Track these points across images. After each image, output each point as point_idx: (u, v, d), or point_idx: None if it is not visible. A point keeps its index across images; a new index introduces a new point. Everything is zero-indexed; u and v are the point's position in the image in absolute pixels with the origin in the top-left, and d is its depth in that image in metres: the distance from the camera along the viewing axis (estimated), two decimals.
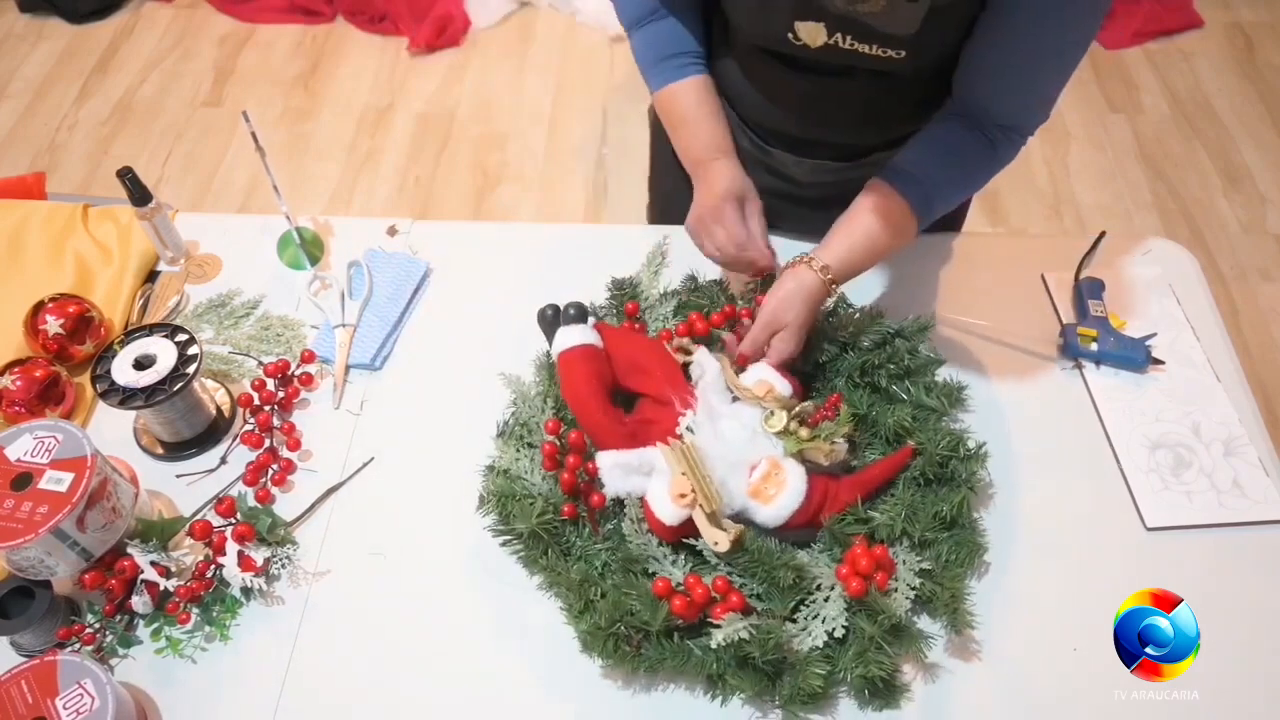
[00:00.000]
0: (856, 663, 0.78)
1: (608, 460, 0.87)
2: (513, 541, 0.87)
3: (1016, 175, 2.49)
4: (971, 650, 0.85)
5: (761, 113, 1.08)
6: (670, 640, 0.80)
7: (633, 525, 0.87)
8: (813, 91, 1.01)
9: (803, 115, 1.05)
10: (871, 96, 0.99)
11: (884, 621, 0.79)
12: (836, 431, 0.88)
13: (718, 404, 0.90)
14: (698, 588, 0.80)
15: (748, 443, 0.88)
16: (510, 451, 0.92)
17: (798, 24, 0.91)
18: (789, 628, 0.81)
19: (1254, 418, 1.00)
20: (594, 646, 0.80)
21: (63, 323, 1.03)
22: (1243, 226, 2.36)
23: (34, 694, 0.76)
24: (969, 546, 0.86)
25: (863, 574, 0.81)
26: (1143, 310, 1.08)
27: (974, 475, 0.89)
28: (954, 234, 1.18)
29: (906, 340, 0.98)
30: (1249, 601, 0.87)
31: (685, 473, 0.82)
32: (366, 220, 1.21)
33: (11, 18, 3.03)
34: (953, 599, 0.82)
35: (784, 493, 0.85)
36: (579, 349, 0.94)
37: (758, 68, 1.03)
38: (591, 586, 0.83)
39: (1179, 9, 2.88)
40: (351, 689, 0.84)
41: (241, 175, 2.52)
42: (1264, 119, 2.61)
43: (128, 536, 0.87)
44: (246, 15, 2.99)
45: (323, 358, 1.06)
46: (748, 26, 0.98)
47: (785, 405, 0.89)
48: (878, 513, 0.87)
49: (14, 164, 2.55)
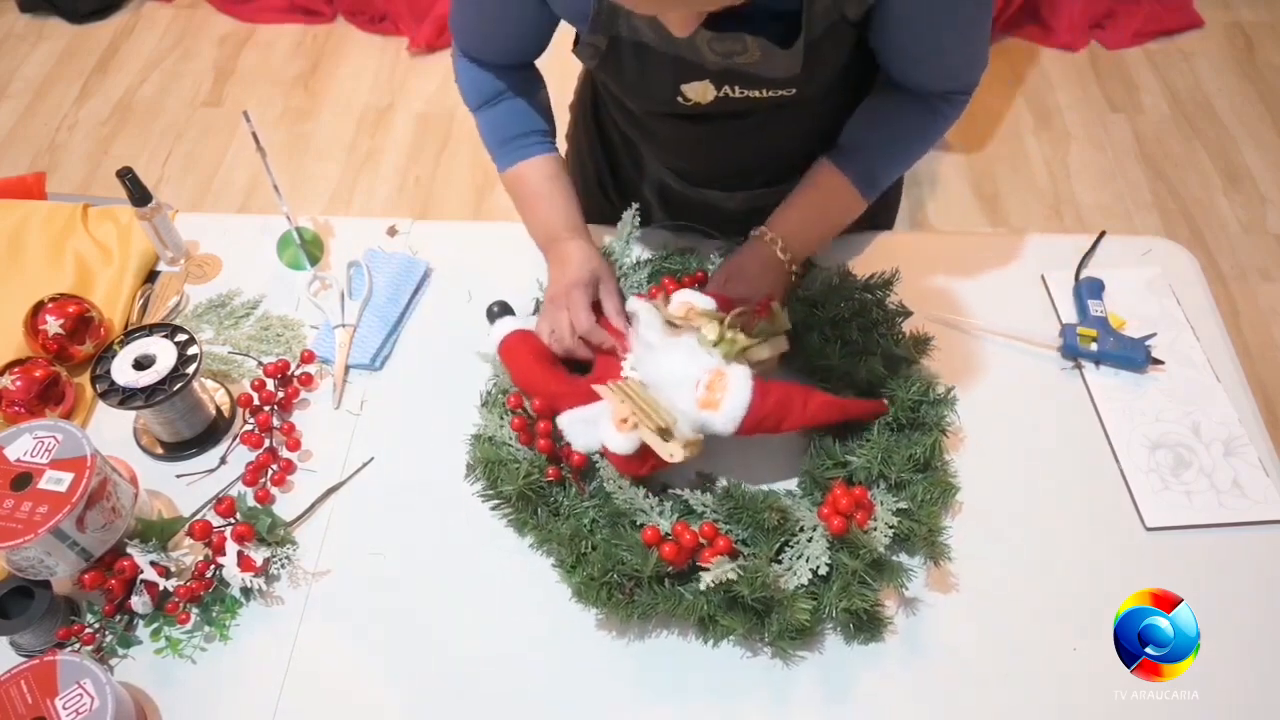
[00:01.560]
0: (841, 597, 0.81)
1: (566, 419, 0.90)
2: (502, 505, 0.89)
3: (1016, 175, 2.49)
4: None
5: (678, 160, 1.10)
6: (662, 586, 0.83)
7: (613, 482, 0.89)
8: (718, 137, 1.02)
9: (716, 159, 1.08)
10: (777, 128, 1.01)
11: (865, 556, 0.82)
12: (773, 329, 0.90)
13: (655, 340, 0.91)
14: (685, 534, 0.83)
15: (689, 363, 0.89)
16: (494, 420, 0.94)
17: (683, 86, 0.92)
18: (775, 568, 0.83)
19: (1254, 418, 1.00)
20: (588, 596, 0.82)
21: (63, 323, 1.03)
22: (1243, 226, 2.36)
23: (34, 694, 0.76)
24: (942, 487, 0.89)
25: (843, 513, 0.84)
26: (1143, 310, 1.08)
27: (943, 419, 0.92)
28: (954, 234, 1.18)
29: (874, 294, 1.01)
30: (1249, 601, 0.87)
31: (623, 400, 0.85)
32: (366, 220, 1.21)
33: (11, 18, 3.03)
34: (930, 534, 0.85)
35: (729, 395, 0.86)
36: (512, 335, 0.98)
37: (658, 124, 1.04)
38: (582, 540, 0.85)
39: (1179, 9, 2.88)
40: (351, 689, 0.84)
41: (241, 175, 2.52)
42: (1264, 119, 2.61)
43: (127, 536, 0.87)
44: (246, 15, 2.99)
45: (323, 358, 1.06)
46: (635, 98, 0.99)
47: (714, 317, 0.90)
48: (855, 456, 0.90)
49: (14, 164, 2.55)
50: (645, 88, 0.94)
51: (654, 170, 1.16)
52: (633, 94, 0.98)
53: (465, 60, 1.04)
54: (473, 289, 1.12)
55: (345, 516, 0.95)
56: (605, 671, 0.85)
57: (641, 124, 1.07)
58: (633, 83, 0.94)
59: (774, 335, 0.92)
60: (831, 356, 0.95)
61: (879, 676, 0.84)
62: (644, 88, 0.94)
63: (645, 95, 0.96)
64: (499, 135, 1.05)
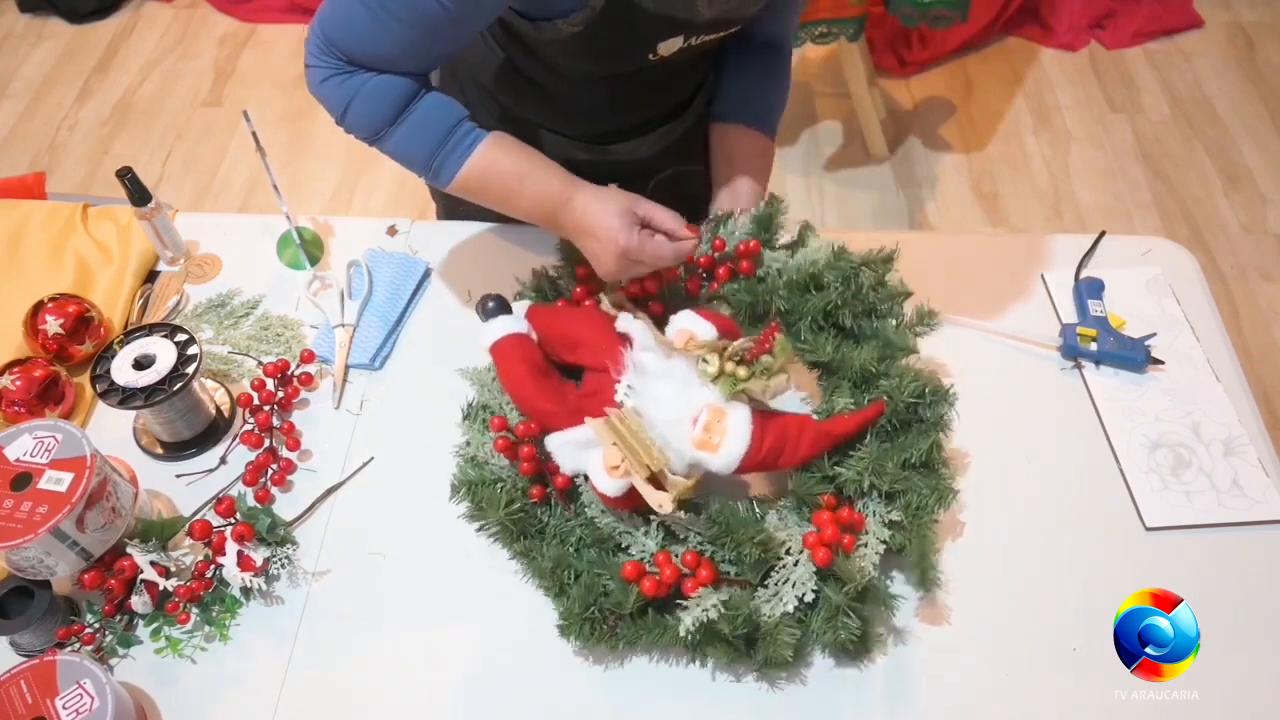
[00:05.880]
0: (826, 628, 0.80)
1: (556, 441, 0.87)
2: (489, 525, 0.88)
3: (1017, 175, 2.49)
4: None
5: (592, 126, 1.09)
6: (645, 616, 0.82)
7: (596, 505, 0.88)
8: (651, 87, 1.05)
9: (637, 110, 1.09)
10: (697, 64, 1.06)
11: (850, 591, 0.80)
12: (773, 365, 0.85)
13: (650, 364, 0.87)
14: (667, 567, 0.81)
15: (683, 396, 0.85)
16: (476, 435, 0.92)
17: (659, 44, 0.91)
18: (761, 594, 0.82)
19: (1254, 418, 1.00)
20: (570, 631, 0.81)
21: (62, 323, 1.03)
22: (1243, 226, 2.36)
23: (33, 694, 0.76)
24: (938, 493, 0.84)
25: (827, 543, 0.82)
26: (1143, 310, 1.08)
27: (943, 417, 0.88)
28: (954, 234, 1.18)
29: (873, 271, 0.94)
30: (1249, 601, 0.87)
31: (615, 443, 0.82)
32: (366, 220, 1.21)
33: (11, 18, 3.03)
34: (921, 558, 0.82)
35: (729, 438, 0.83)
36: (505, 340, 0.92)
37: (592, 90, 1.02)
38: (564, 570, 0.83)
39: (1179, 9, 2.88)
40: (351, 689, 0.84)
41: (241, 175, 2.52)
42: (1264, 119, 2.61)
43: (127, 536, 0.87)
44: (246, 15, 2.99)
45: (322, 358, 1.06)
46: (602, 62, 0.95)
47: (715, 348, 0.86)
48: (844, 468, 0.86)
49: (14, 164, 2.55)
50: (621, 51, 0.92)
51: (558, 147, 1.09)
52: (606, 58, 0.94)
53: (362, 74, 0.88)
54: (473, 289, 1.12)
55: (345, 516, 0.95)
56: (603, 668, 0.85)
57: (557, 99, 1.04)
58: (609, 48, 0.91)
59: (776, 374, 0.86)
60: (822, 350, 0.91)
61: (875, 676, 0.84)
62: (620, 51, 0.92)
63: (617, 58, 0.94)
64: (431, 140, 0.90)
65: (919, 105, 2.69)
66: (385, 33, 0.85)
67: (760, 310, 0.96)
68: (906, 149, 2.57)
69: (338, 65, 0.88)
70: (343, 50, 0.87)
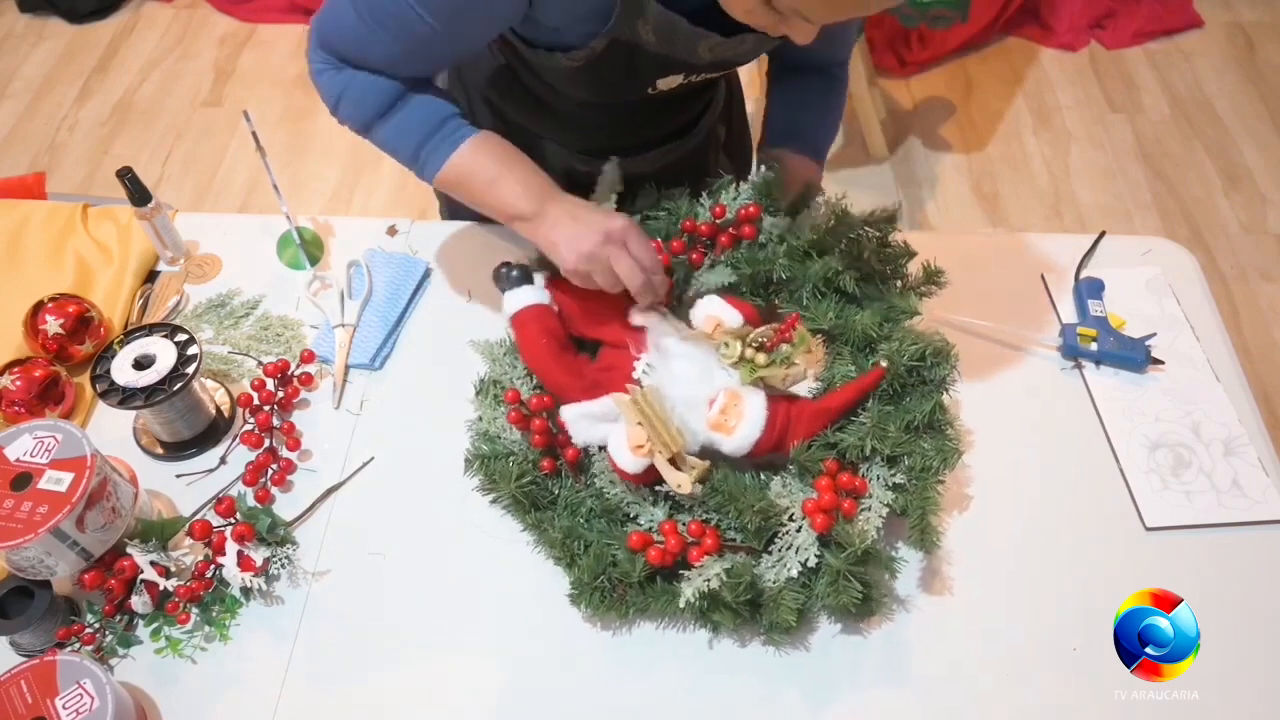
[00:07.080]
0: (829, 592, 0.80)
1: (572, 413, 0.89)
2: (500, 499, 0.89)
3: (1017, 175, 2.49)
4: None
5: (594, 142, 1.09)
6: (653, 585, 0.83)
7: (605, 476, 0.89)
8: (652, 113, 1.05)
9: (638, 133, 1.09)
10: (699, 91, 1.06)
11: (850, 556, 0.80)
12: (793, 354, 0.87)
13: (671, 344, 0.89)
14: (672, 536, 0.82)
15: (703, 378, 0.87)
16: (488, 410, 0.94)
17: (659, 81, 0.93)
18: (764, 560, 0.83)
19: (1254, 418, 1.00)
20: (580, 599, 0.83)
21: (62, 323, 1.03)
22: (1243, 226, 2.36)
23: (33, 694, 0.76)
24: (943, 453, 0.84)
25: (825, 509, 0.82)
26: (1143, 310, 1.08)
27: (945, 378, 0.88)
28: (954, 234, 1.18)
29: (876, 230, 0.93)
30: (1249, 601, 0.87)
31: (640, 422, 0.83)
32: (366, 220, 1.21)
33: (11, 18, 3.02)
34: (922, 518, 0.82)
35: (744, 423, 0.85)
36: (527, 310, 0.95)
37: (592, 111, 1.03)
38: (575, 540, 0.85)
39: (1179, 9, 2.88)
40: (351, 688, 0.84)
41: (241, 175, 2.52)
42: (1264, 119, 2.61)
43: (127, 536, 0.87)
44: (246, 15, 2.99)
45: (322, 358, 1.06)
46: (603, 94, 0.97)
47: (738, 335, 0.89)
48: (845, 434, 0.86)
49: (14, 164, 2.55)
50: (622, 84, 0.94)
51: (558, 158, 1.10)
52: (604, 91, 0.96)
53: (350, 70, 0.89)
54: (473, 289, 1.12)
55: (345, 516, 0.95)
56: (603, 663, 0.85)
57: (558, 116, 1.05)
58: (612, 81, 0.93)
59: (794, 366, 0.87)
60: (823, 317, 0.91)
61: (875, 670, 0.84)
62: (621, 85, 0.94)
63: (616, 91, 0.96)
64: (418, 133, 0.90)
65: (919, 105, 2.69)
66: (375, 42, 0.87)
67: (760, 280, 0.97)
68: (906, 149, 2.58)
69: (333, 60, 0.91)
70: (336, 53, 0.90)
